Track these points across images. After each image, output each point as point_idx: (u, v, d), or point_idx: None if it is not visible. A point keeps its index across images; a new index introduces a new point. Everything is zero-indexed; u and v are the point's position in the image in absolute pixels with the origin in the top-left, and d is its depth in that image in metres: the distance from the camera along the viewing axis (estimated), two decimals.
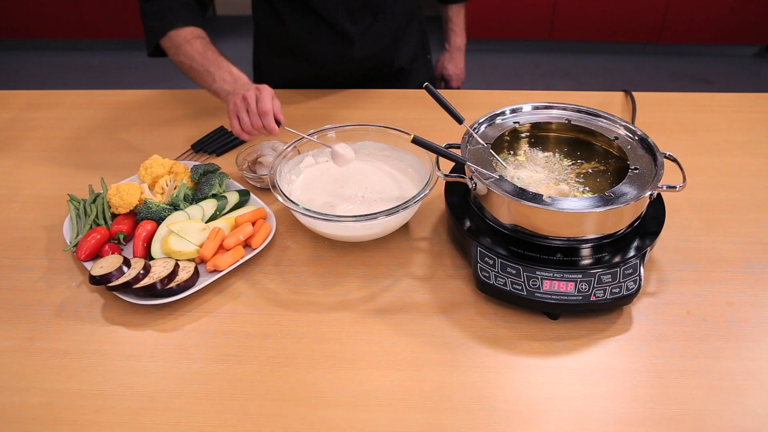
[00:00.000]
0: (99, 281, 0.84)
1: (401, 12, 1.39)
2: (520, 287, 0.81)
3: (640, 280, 0.82)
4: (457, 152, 0.89)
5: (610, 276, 0.81)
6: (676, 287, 0.88)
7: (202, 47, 1.13)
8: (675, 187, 0.84)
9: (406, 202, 0.88)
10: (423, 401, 0.74)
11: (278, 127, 1.01)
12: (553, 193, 0.87)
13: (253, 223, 0.96)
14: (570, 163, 0.94)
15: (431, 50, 1.57)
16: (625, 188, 0.83)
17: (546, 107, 1.01)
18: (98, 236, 0.93)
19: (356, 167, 1.05)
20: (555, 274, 0.81)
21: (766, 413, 0.72)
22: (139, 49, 1.22)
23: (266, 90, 1.02)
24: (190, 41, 1.13)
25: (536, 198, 0.81)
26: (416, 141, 0.85)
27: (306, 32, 1.33)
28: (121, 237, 0.95)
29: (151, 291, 0.83)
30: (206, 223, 0.96)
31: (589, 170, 0.93)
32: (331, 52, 1.35)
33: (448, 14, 1.55)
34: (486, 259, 0.84)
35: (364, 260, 0.94)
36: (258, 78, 1.50)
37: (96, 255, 0.92)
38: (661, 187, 0.83)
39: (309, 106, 1.35)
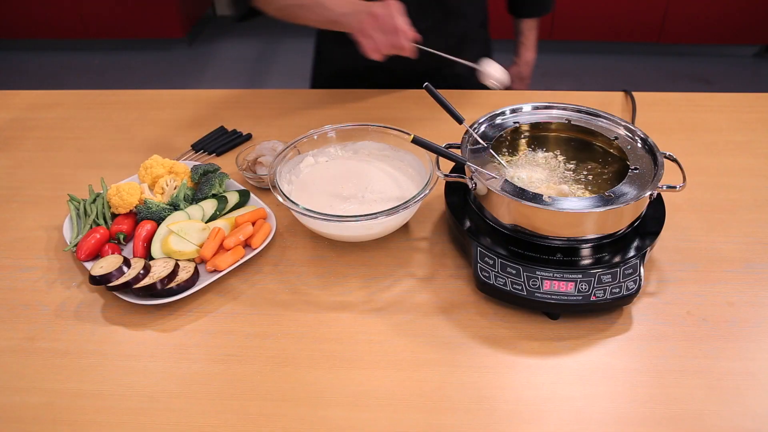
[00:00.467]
0: (99, 281, 0.84)
1: (472, 16, 1.37)
2: (520, 287, 0.81)
3: (640, 280, 0.82)
4: (457, 152, 0.90)
5: (610, 276, 0.81)
6: (676, 287, 0.88)
7: None
8: (675, 187, 0.84)
9: (406, 202, 0.88)
10: (423, 401, 0.74)
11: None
12: (553, 193, 0.87)
13: (253, 223, 0.96)
14: (570, 163, 0.94)
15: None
16: (625, 188, 0.83)
17: (546, 107, 1.01)
18: (98, 236, 0.93)
19: (356, 167, 1.05)
20: (555, 274, 0.81)
21: (766, 413, 0.72)
22: (139, 49, 1.22)
23: (394, 6, 1.00)
24: None
25: (536, 198, 0.81)
26: (416, 141, 0.85)
27: None
28: (121, 237, 0.95)
29: (151, 291, 0.83)
30: (206, 223, 0.96)
31: (589, 170, 0.93)
32: None
33: (521, 28, 1.51)
34: (486, 259, 0.84)
35: (364, 260, 0.94)
36: (318, 63, 1.48)
37: (96, 255, 0.92)
38: (661, 187, 0.83)
39: (308, 106, 1.35)
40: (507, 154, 0.96)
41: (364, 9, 1.03)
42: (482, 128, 0.97)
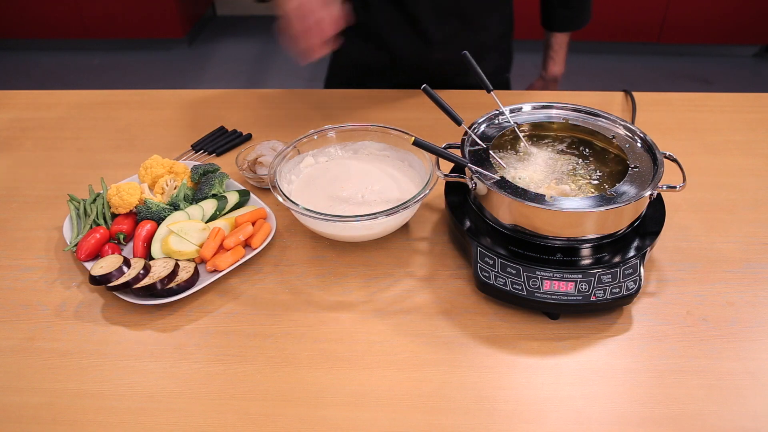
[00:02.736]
0: (99, 281, 0.84)
1: (494, 28, 1.36)
2: (520, 287, 0.81)
3: (640, 280, 0.82)
4: (457, 152, 0.90)
5: (610, 276, 0.81)
6: (676, 287, 0.88)
7: None
8: (675, 187, 0.84)
9: (406, 202, 0.88)
10: (423, 401, 0.74)
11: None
12: (555, 193, 0.87)
13: (253, 223, 0.96)
14: (570, 163, 0.94)
15: (511, 70, 1.54)
16: (625, 188, 0.83)
17: (546, 107, 1.01)
18: (98, 236, 0.93)
19: (356, 167, 1.05)
20: (555, 274, 0.81)
21: (766, 413, 0.72)
22: (139, 49, 1.23)
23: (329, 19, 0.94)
24: None
25: (538, 198, 0.81)
26: (417, 143, 0.85)
27: (389, 23, 1.30)
28: (121, 237, 0.95)
29: (151, 291, 0.83)
30: (206, 223, 0.96)
31: (589, 170, 0.93)
32: (409, 48, 1.32)
33: (551, 41, 1.49)
34: (486, 259, 0.84)
35: (364, 260, 0.94)
36: (334, 56, 1.48)
37: (96, 255, 0.92)
38: (661, 187, 0.83)
39: (309, 105, 1.36)
40: (507, 154, 0.96)
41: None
42: (482, 128, 0.97)
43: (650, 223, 0.89)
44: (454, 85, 1.38)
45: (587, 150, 0.96)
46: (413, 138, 0.85)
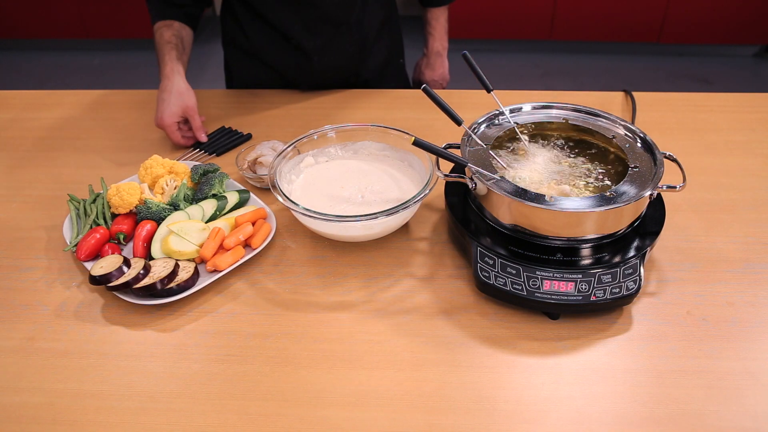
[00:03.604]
0: (99, 281, 0.84)
1: (370, 21, 1.35)
2: (520, 287, 0.81)
3: (640, 280, 0.82)
4: (457, 152, 0.90)
5: (610, 276, 0.81)
6: (676, 287, 0.88)
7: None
8: (675, 187, 0.84)
9: (406, 202, 0.88)
10: (423, 401, 0.74)
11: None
12: (555, 193, 0.87)
13: (253, 223, 0.96)
14: (570, 163, 0.94)
15: (405, 54, 1.52)
16: (625, 188, 0.83)
17: (545, 107, 1.01)
18: (98, 236, 0.93)
19: (356, 167, 1.05)
20: (555, 274, 0.81)
21: (766, 413, 0.72)
22: (139, 49, 1.23)
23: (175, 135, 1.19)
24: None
25: (538, 198, 0.81)
26: (417, 143, 0.85)
27: (266, 43, 1.33)
28: (121, 237, 0.95)
29: (151, 291, 0.83)
30: (206, 223, 0.96)
31: (589, 170, 0.93)
32: (290, 63, 1.34)
33: (427, 17, 1.47)
34: (486, 259, 0.84)
35: (364, 260, 0.94)
36: (228, 77, 1.51)
37: (96, 255, 0.92)
38: (661, 187, 0.83)
39: (309, 105, 1.35)
40: (506, 154, 0.96)
41: (164, 85, 1.19)
42: (482, 128, 0.97)
43: (650, 223, 0.89)
44: (350, 86, 1.40)
45: (587, 150, 0.96)
46: (413, 138, 0.85)
